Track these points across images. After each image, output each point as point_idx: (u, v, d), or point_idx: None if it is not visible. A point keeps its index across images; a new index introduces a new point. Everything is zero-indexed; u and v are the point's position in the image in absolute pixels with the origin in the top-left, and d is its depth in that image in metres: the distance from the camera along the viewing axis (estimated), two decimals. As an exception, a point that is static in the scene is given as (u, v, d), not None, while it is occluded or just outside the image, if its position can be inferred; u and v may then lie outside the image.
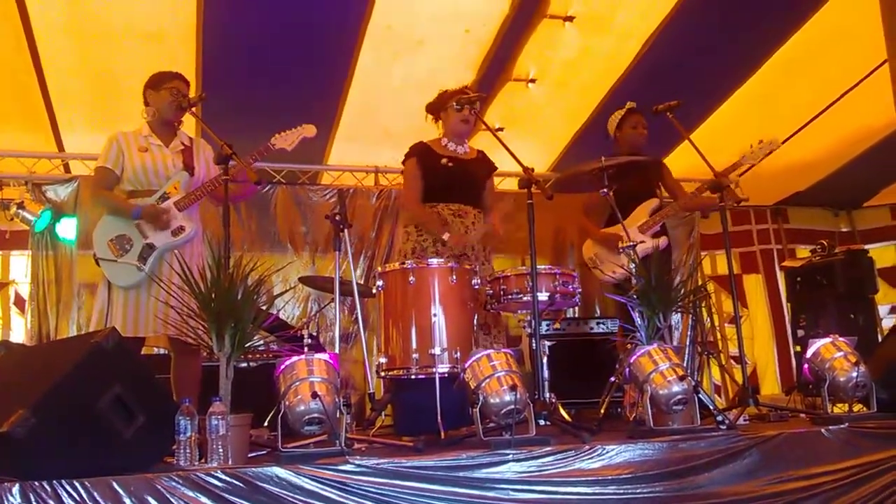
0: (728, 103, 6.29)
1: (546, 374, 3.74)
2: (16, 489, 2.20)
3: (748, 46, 5.78)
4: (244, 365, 4.61)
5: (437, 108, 4.60)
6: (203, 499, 2.37)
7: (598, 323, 5.50)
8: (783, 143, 6.51)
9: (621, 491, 2.81)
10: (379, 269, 3.96)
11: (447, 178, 4.45)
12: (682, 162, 6.43)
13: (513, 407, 2.85)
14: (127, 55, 5.29)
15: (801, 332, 6.58)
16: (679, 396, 3.05)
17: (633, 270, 3.83)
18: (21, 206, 5.83)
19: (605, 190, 3.97)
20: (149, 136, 4.04)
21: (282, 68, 5.50)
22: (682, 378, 3.06)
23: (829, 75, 6.10)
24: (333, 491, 2.51)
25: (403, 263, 3.80)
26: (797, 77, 6.03)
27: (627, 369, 3.20)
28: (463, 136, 4.59)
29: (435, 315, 3.60)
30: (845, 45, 5.74)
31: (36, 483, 2.22)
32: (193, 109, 3.96)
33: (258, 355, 4.73)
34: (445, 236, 4.27)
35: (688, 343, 6.64)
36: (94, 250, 3.90)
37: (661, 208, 4.90)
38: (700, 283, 6.99)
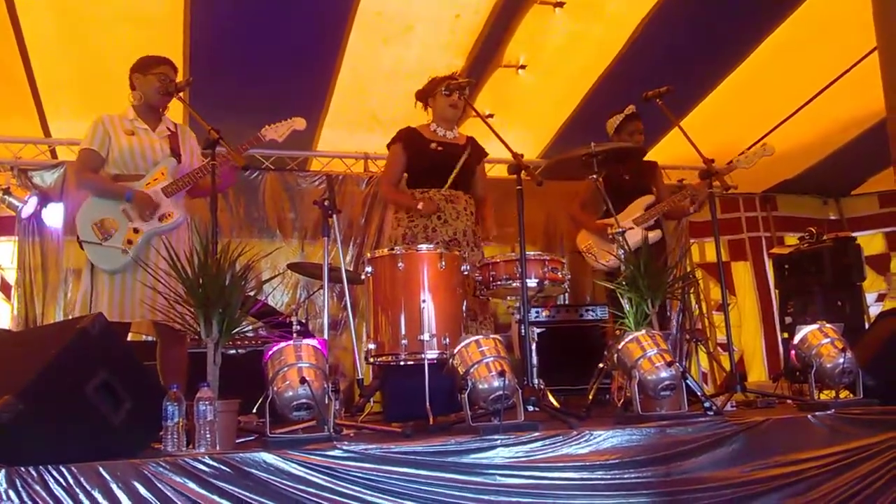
0: (718, 91, 6.29)
1: (535, 360, 3.75)
2: (2, 475, 2.18)
3: (738, 34, 5.77)
4: (233, 352, 4.60)
5: (426, 95, 4.59)
6: (191, 484, 2.36)
7: (587, 310, 5.51)
8: (773, 130, 6.56)
9: (609, 476, 2.82)
10: (368, 255, 3.95)
11: (436, 162, 4.44)
12: (671, 149, 6.45)
13: (501, 393, 2.85)
14: (114, 39, 5.24)
15: (788, 319, 6.61)
16: (667, 382, 3.07)
17: (623, 256, 3.84)
18: (7, 191, 5.79)
19: (595, 176, 3.97)
20: (134, 119, 4.01)
21: (270, 53, 5.46)
22: (669, 364, 3.08)
23: (818, 63, 6.10)
24: (321, 476, 2.50)
25: (392, 249, 3.79)
26: (787, 65, 6.03)
27: (615, 355, 3.21)
28: (451, 122, 4.58)
29: (424, 301, 3.59)
30: (834, 33, 5.75)
31: (22, 469, 2.21)
32: (181, 94, 3.92)
33: (247, 342, 4.72)
34: (420, 206, 4.29)
35: (675, 330, 6.67)
36: (78, 233, 3.84)
37: (655, 204, 4.99)
38: (688, 270, 7.03)
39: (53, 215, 5.94)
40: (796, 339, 3.59)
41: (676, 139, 5.02)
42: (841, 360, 3.42)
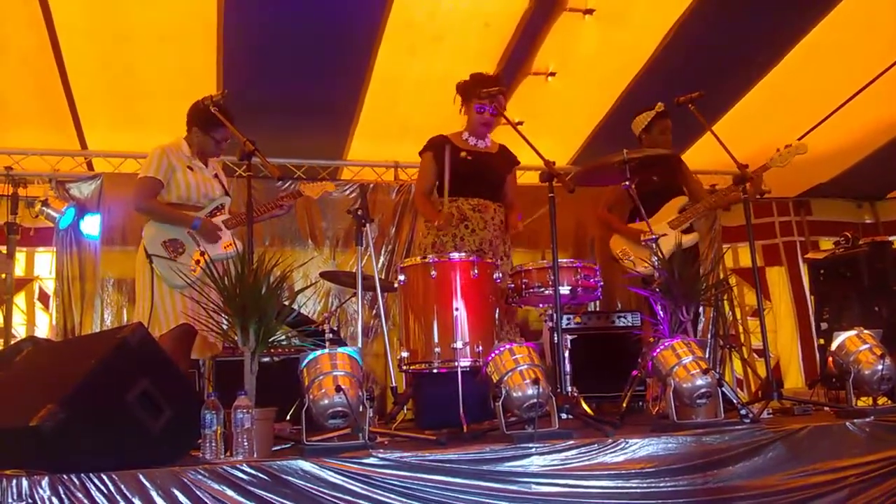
0: (750, 95, 6.24)
1: (567, 367, 3.74)
2: (45, 482, 2.23)
3: (770, 37, 5.72)
4: (266, 359, 4.66)
5: (467, 92, 4.53)
6: (229, 492, 2.40)
7: (619, 317, 5.48)
8: (806, 134, 6.48)
9: (644, 485, 2.81)
10: (400, 263, 3.96)
11: (466, 171, 4.44)
12: (703, 154, 6.40)
13: (535, 401, 2.84)
14: (148, 53, 5.34)
15: (824, 325, 6.50)
16: (703, 390, 3.04)
17: (657, 263, 3.81)
18: (45, 203, 5.90)
19: (627, 183, 3.95)
20: (191, 157, 4.22)
21: (302, 64, 5.52)
22: (705, 371, 3.05)
23: (852, 66, 6.03)
24: (357, 484, 2.53)
25: (425, 258, 3.79)
26: (820, 68, 5.97)
27: (650, 363, 3.19)
28: (483, 135, 4.58)
29: (457, 309, 3.59)
30: (868, 35, 5.68)
31: (65, 476, 2.25)
32: (217, 108, 3.98)
33: (279, 350, 4.77)
34: (437, 222, 4.24)
35: (709, 336, 6.61)
36: (146, 247, 4.02)
37: (688, 206, 4.91)
38: (722, 276, 6.96)
39: (90, 226, 6.04)
40: (834, 346, 3.54)
41: (709, 144, 4.97)
42: (880, 367, 3.37)
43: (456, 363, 3.50)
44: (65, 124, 5.87)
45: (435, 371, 3.62)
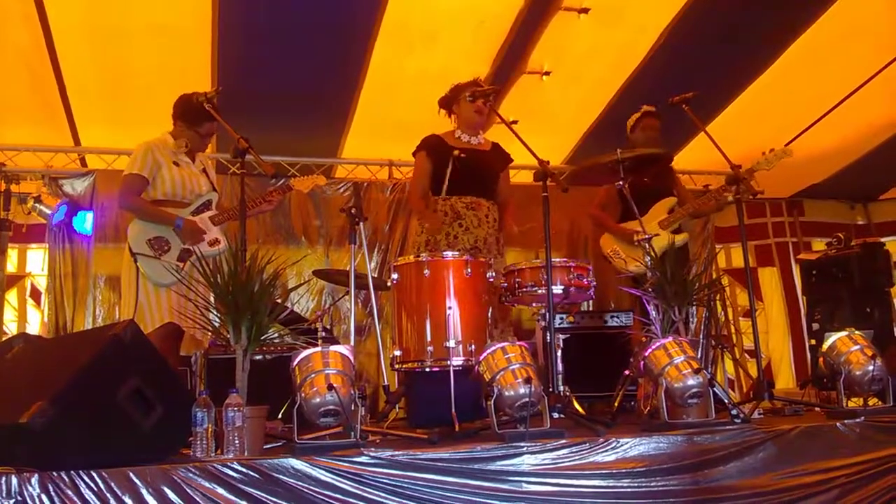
0: (744, 95, 6.26)
1: (560, 367, 3.74)
2: (35, 480, 2.22)
3: (764, 38, 5.74)
4: (258, 357, 4.65)
5: (449, 102, 4.58)
6: (220, 490, 2.39)
7: (612, 316, 5.48)
8: (800, 134, 6.50)
9: (636, 484, 2.81)
10: (394, 261, 3.96)
11: (461, 169, 4.44)
12: (696, 154, 6.42)
13: (527, 400, 2.84)
14: (142, 50, 5.33)
15: (816, 326, 6.53)
16: (694, 390, 3.04)
17: (649, 263, 3.82)
18: (38, 199, 5.89)
19: (621, 182, 3.95)
20: (177, 151, 4.17)
21: (297, 62, 5.51)
22: (697, 371, 3.05)
23: (845, 67, 6.05)
24: (348, 482, 2.52)
25: (418, 256, 3.79)
26: (814, 69, 5.99)
27: (642, 362, 3.20)
28: (476, 128, 4.58)
29: (450, 308, 3.59)
30: (862, 37, 5.70)
31: (55, 474, 2.24)
32: (211, 105, 3.97)
33: (272, 348, 4.76)
34: (426, 224, 4.29)
35: (701, 337, 6.61)
36: (131, 245, 3.98)
37: (676, 207, 4.94)
38: (714, 276, 6.97)
39: (83, 223, 6.03)
40: (825, 347, 3.55)
41: (702, 144, 4.98)
42: (871, 368, 3.38)
43: (448, 362, 3.50)
44: (58, 120, 5.86)
45: (427, 370, 3.63)
